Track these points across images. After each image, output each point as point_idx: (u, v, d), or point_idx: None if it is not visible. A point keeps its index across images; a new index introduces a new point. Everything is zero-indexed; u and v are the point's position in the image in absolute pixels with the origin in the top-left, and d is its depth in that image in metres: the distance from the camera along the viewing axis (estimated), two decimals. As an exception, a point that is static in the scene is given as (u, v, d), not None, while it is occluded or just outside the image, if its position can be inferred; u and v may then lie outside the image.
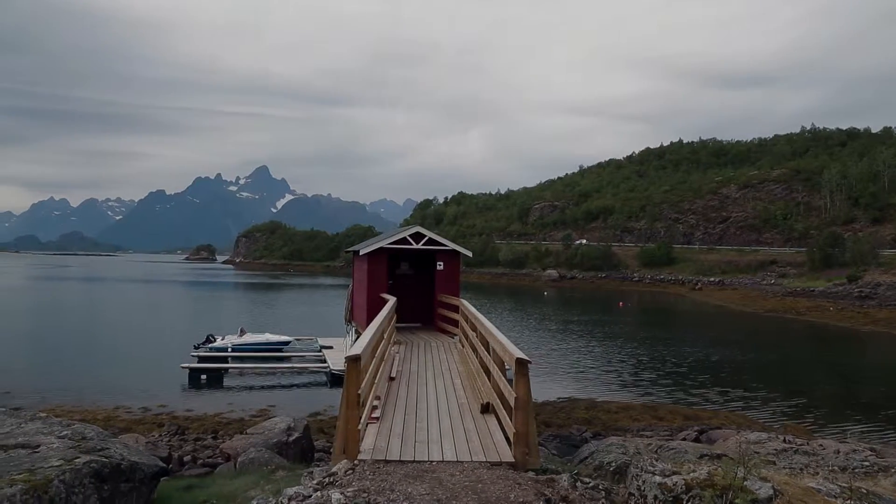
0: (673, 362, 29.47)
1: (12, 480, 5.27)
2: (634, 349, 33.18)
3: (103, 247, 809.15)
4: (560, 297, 76.18)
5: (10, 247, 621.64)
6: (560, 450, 14.78)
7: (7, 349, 30.60)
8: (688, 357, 30.91)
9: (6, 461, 5.76)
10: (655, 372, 27.28)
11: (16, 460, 5.78)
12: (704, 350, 33.22)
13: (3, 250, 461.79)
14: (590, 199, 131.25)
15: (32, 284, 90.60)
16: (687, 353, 31.97)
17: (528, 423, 7.28)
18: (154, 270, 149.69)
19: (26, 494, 5.17)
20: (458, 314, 16.70)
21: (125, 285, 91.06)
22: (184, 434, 15.98)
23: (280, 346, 29.14)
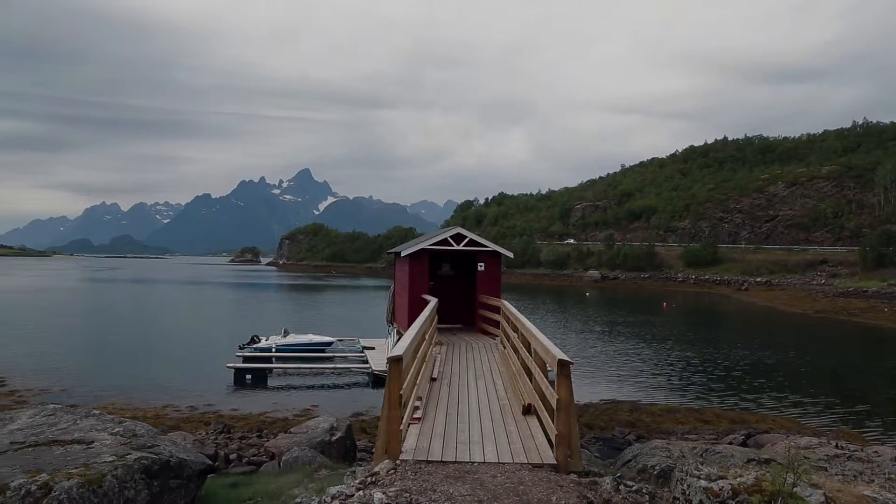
0: (718, 364, 28.86)
1: (69, 474, 5.46)
2: (679, 351, 32.60)
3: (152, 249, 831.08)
4: (602, 297, 75.33)
5: (65, 250, 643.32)
6: (602, 452, 14.61)
7: (63, 349, 31.68)
8: (734, 359, 30.22)
9: (63, 455, 5.97)
10: (700, 374, 26.76)
11: (72, 455, 5.98)
12: (751, 352, 32.42)
13: (58, 253, 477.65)
14: (632, 199, 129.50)
15: (86, 286, 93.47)
16: (733, 355, 31.27)
17: (570, 425, 7.23)
18: (200, 272, 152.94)
19: (82, 488, 5.35)
20: (500, 315, 16.65)
21: (173, 287, 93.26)
22: (229, 432, 16.27)
23: (323, 346, 29.45)
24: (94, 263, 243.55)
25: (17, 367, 25.93)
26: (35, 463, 5.73)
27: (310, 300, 70.46)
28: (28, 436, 6.53)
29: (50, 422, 6.98)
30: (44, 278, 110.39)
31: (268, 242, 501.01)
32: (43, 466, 5.62)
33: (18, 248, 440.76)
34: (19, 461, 5.82)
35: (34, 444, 6.31)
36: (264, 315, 50.26)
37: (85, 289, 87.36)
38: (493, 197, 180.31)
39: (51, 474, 5.43)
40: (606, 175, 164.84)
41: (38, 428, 6.77)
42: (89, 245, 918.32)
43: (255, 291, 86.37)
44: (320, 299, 71.49)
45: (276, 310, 56.43)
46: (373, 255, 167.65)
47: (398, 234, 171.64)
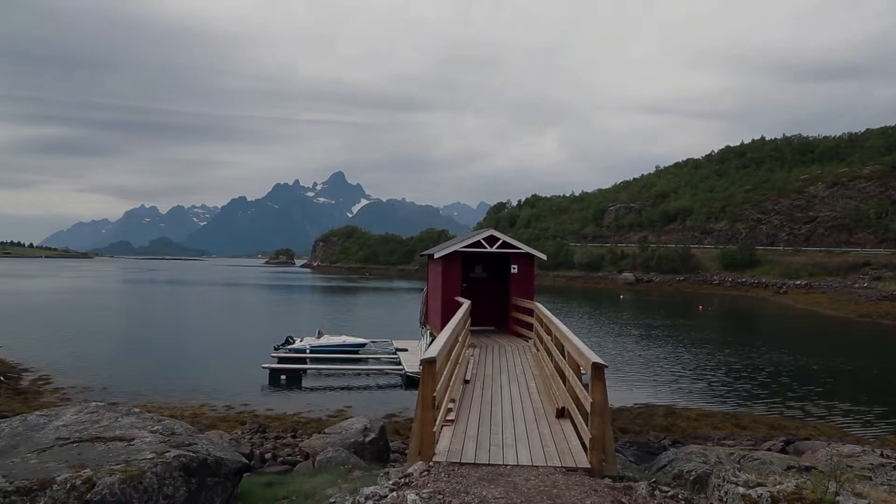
0: (756, 369, 28.29)
1: (111, 470, 5.60)
2: (715, 355, 32.04)
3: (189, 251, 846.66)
4: (637, 300, 74.44)
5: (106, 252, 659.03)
6: (637, 457, 14.44)
7: (104, 349, 32.44)
8: (772, 363, 29.60)
9: (105, 452, 6.12)
10: (738, 378, 26.26)
11: (114, 452, 6.13)
12: (791, 356, 31.70)
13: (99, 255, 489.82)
14: (667, 200, 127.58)
15: (126, 288, 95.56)
16: (772, 359, 30.62)
17: (604, 429, 7.17)
18: (236, 274, 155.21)
19: (124, 483, 5.48)
20: (533, 317, 16.58)
21: (209, 288, 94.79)
22: (265, 432, 16.47)
23: (356, 348, 29.64)
24: (134, 265, 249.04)
25: (61, 366, 26.64)
26: (79, 459, 5.89)
27: (343, 302, 71.00)
28: (72, 432, 6.70)
29: (93, 419, 7.15)
30: (85, 280, 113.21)
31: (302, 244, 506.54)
32: (86, 462, 5.77)
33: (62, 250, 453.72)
34: (64, 456, 5.98)
35: (78, 440, 6.48)
36: (298, 316, 50.79)
37: (125, 290, 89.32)
38: (525, 199, 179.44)
39: (94, 470, 5.58)
40: (640, 176, 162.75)
41: (81, 425, 6.94)
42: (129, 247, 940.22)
43: (289, 293, 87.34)
44: (354, 301, 71.98)
45: (310, 311, 56.98)
46: (406, 257, 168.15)
47: (431, 236, 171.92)
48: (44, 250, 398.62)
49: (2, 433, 6.71)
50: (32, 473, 5.53)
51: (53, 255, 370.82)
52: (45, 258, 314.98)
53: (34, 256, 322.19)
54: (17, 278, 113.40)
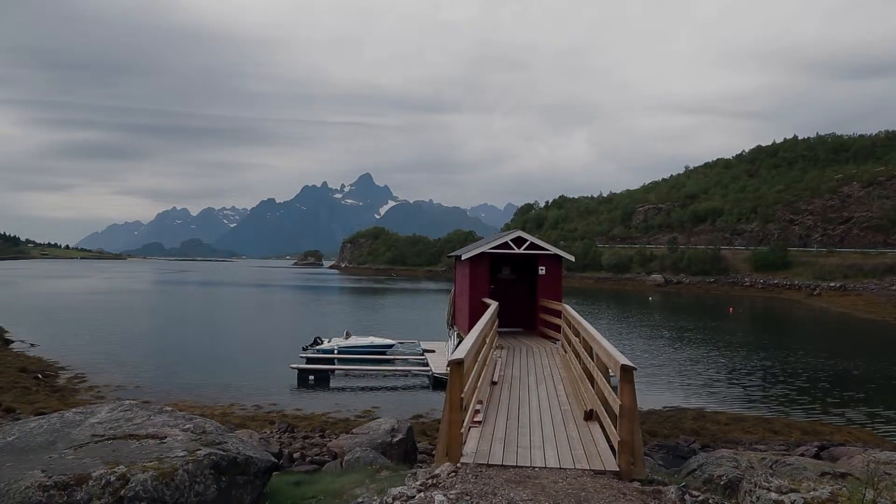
0: (789, 372, 27.78)
1: (144, 467, 5.71)
2: (746, 357, 31.55)
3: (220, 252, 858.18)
4: (666, 302, 73.62)
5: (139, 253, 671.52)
6: (666, 461, 14.27)
7: (137, 348, 33.04)
8: (806, 367, 29.03)
9: (139, 449, 6.23)
10: (770, 382, 25.82)
11: (146, 449, 6.24)
12: (825, 360, 31.03)
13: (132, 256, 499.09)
14: (697, 201, 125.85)
15: (158, 288, 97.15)
16: (805, 363, 30.02)
17: (633, 432, 7.11)
18: (265, 275, 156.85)
19: (156, 481, 5.59)
20: (561, 319, 16.49)
21: (239, 289, 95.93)
22: (293, 431, 16.62)
23: (384, 349, 29.77)
24: (166, 266, 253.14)
25: (96, 365, 27.19)
26: (113, 455, 6.01)
27: (371, 303, 71.33)
28: (107, 429, 6.84)
29: (126, 417, 7.29)
30: (119, 280, 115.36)
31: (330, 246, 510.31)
32: (120, 459, 5.89)
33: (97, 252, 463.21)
34: (100, 453, 6.11)
35: (112, 437, 6.61)
36: (327, 317, 51.16)
37: (157, 291, 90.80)
38: (553, 200, 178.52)
39: (127, 466, 5.69)
40: (670, 177, 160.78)
41: (115, 422, 7.08)
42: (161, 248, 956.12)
43: (317, 294, 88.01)
44: (381, 302, 72.29)
45: (338, 312, 57.35)
46: (433, 258, 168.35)
47: (458, 237, 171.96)
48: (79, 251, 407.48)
49: (40, 430, 6.87)
50: (69, 469, 5.66)
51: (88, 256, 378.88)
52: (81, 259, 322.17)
53: (70, 257, 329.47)
54: (54, 279, 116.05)
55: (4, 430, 7.11)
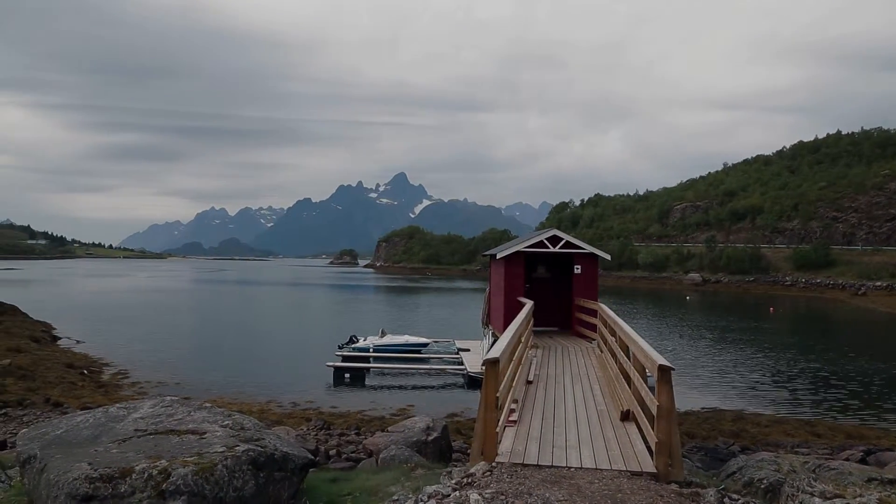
0: (833, 374, 27.06)
1: (185, 462, 5.83)
2: (787, 359, 30.83)
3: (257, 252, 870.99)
4: (704, 301, 72.42)
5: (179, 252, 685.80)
6: (705, 463, 14.04)
7: (178, 345, 33.75)
8: (851, 369, 28.22)
9: (179, 444, 6.37)
10: (813, 384, 25.20)
11: (187, 444, 6.37)
12: (871, 362, 30.12)
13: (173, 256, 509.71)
14: (735, 199, 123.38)
15: (197, 287, 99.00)
16: (850, 365, 29.19)
17: (670, 433, 7.01)
18: (301, 274, 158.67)
19: (196, 475, 5.70)
20: (596, 318, 16.36)
21: (276, 288, 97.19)
22: (329, 429, 16.78)
23: (419, 347, 29.87)
24: (205, 265, 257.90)
25: (137, 361, 27.84)
26: (155, 450, 6.15)
27: (406, 302, 71.63)
28: (149, 424, 7.00)
29: (167, 412, 7.44)
30: (160, 279, 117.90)
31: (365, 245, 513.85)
32: (162, 453, 6.03)
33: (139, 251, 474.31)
34: (142, 447, 6.26)
35: (154, 432, 6.76)
36: (362, 316, 51.51)
37: (196, 289, 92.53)
38: (588, 198, 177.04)
39: (169, 461, 5.82)
40: (707, 174, 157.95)
41: (157, 418, 7.24)
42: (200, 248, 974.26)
43: (353, 293, 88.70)
44: (416, 301, 72.53)
45: (374, 311, 57.72)
46: (468, 257, 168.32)
47: (493, 236, 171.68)
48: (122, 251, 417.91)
49: (86, 424, 7.07)
50: (114, 462, 5.81)
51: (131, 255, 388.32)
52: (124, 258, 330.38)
53: (114, 257, 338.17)
54: (99, 278, 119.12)
55: (53, 423, 7.34)
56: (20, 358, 24.95)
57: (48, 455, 6.16)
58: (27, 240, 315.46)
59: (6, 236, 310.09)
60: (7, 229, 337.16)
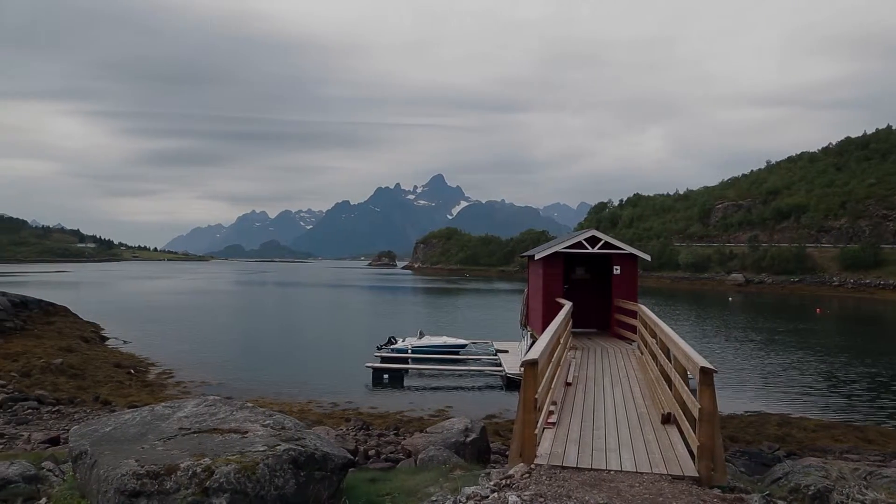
0: (885, 378, 26.21)
1: (228, 460, 5.95)
2: (835, 361, 29.97)
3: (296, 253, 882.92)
4: (747, 302, 70.93)
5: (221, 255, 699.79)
6: (748, 468, 13.73)
7: (220, 345, 34.40)
8: (903, 372, 27.35)
9: (222, 443, 6.49)
10: (863, 388, 24.44)
11: (229, 443, 6.49)
12: (924, 365, 29.17)
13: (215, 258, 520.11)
14: (779, 197, 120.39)
15: (239, 289, 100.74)
16: (902, 368, 28.30)
17: (713, 437, 6.89)
18: (340, 275, 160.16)
19: (239, 473, 5.81)
20: (636, 320, 16.17)
21: (315, 289, 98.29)
22: (368, 429, 16.90)
23: (457, 348, 29.87)
24: (246, 267, 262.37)
25: (181, 361, 28.44)
26: (199, 448, 6.28)
27: (444, 303, 71.76)
28: (193, 423, 7.16)
29: (210, 411, 7.59)
30: (203, 281, 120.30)
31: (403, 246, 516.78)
32: (206, 452, 6.16)
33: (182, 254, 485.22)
34: (187, 445, 6.41)
35: (198, 430, 6.90)
36: (400, 317, 51.77)
37: (238, 291, 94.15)
38: (627, 198, 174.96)
39: (212, 459, 5.94)
40: (750, 172, 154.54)
41: (201, 416, 7.39)
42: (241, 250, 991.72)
43: (391, 294, 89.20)
44: (454, 302, 72.61)
45: (412, 312, 57.95)
46: (505, 258, 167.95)
47: (531, 237, 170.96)
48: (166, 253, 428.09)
49: (133, 422, 7.26)
50: (160, 459, 5.97)
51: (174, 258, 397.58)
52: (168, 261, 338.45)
53: (158, 259, 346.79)
54: (144, 279, 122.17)
55: (102, 421, 7.55)
56: (71, 357, 25.73)
57: (98, 451, 6.35)
58: (77, 243, 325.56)
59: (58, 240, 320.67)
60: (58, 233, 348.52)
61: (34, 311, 35.16)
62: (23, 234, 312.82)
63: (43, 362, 23.54)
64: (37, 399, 18.44)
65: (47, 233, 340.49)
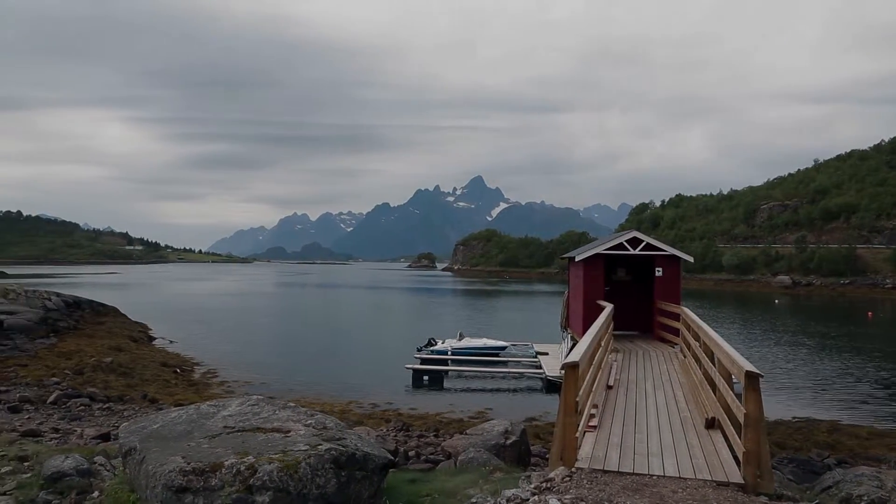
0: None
1: (270, 459, 6.05)
2: (888, 367, 28.98)
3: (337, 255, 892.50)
4: (794, 305, 69.14)
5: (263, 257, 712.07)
6: (797, 475, 13.38)
7: (263, 346, 34.99)
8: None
9: (265, 442, 6.61)
10: (918, 394, 23.61)
11: (272, 442, 6.60)
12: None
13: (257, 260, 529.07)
14: (828, 196, 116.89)
15: (281, 290, 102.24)
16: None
17: (759, 443, 6.73)
18: (381, 277, 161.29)
19: (281, 472, 5.91)
20: (679, 322, 15.91)
21: (356, 291, 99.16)
22: (408, 430, 16.97)
23: (497, 350, 29.80)
24: (288, 269, 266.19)
25: (225, 361, 29.00)
26: (243, 446, 6.41)
27: (484, 305, 71.66)
28: (237, 422, 7.30)
29: (254, 411, 7.73)
30: (247, 283, 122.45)
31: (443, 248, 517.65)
32: (249, 450, 6.27)
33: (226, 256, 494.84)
34: (231, 443, 6.54)
35: (242, 429, 7.04)
36: (440, 318, 51.87)
37: (280, 292, 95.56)
38: (669, 199, 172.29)
39: (256, 457, 6.05)
40: (797, 171, 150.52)
41: (244, 415, 7.53)
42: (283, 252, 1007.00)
43: (431, 296, 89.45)
44: (494, 304, 72.45)
45: (452, 314, 58.00)
46: (545, 260, 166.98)
47: (571, 238, 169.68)
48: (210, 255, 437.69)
49: (180, 420, 7.44)
50: (205, 457, 6.10)
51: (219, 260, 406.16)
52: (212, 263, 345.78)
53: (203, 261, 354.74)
54: (189, 281, 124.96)
55: (150, 418, 7.76)
56: (121, 356, 26.47)
57: (147, 448, 6.53)
58: (125, 246, 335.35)
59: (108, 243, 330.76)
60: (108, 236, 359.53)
61: (86, 312, 36.32)
62: (75, 236, 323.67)
63: (94, 361, 24.27)
64: (89, 396, 19.01)
65: (98, 235, 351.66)
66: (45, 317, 30.99)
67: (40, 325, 29.57)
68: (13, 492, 7.11)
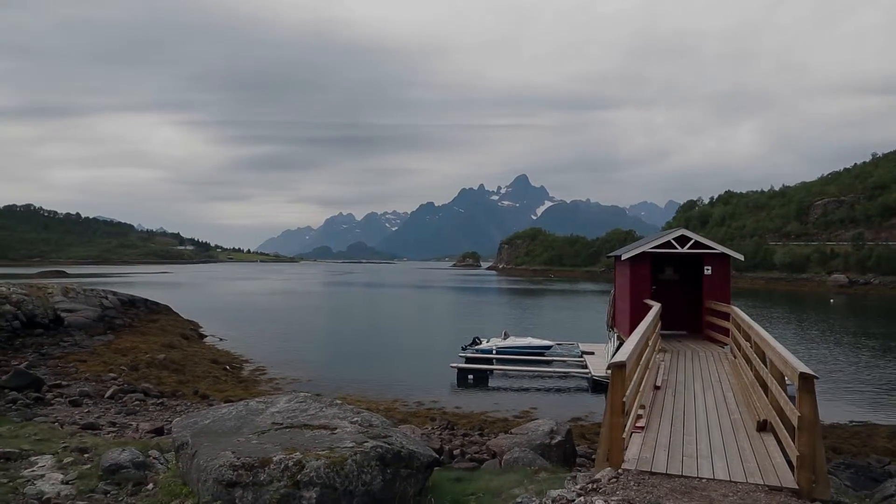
0: None
1: (318, 455, 6.14)
2: (954, 369, 27.82)
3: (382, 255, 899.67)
4: (850, 305, 66.87)
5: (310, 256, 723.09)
6: (855, 482, 12.93)
7: (310, 344, 35.50)
8: None
9: (312, 438, 6.71)
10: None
11: (319, 439, 6.70)
12: None
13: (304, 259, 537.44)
14: (887, 192, 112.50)
15: (328, 289, 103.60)
16: None
17: (814, 447, 6.53)
18: (426, 276, 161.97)
19: (328, 468, 5.99)
20: (729, 322, 15.57)
21: (401, 290, 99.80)
22: (453, 429, 17.00)
23: (542, 350, 29.62)
24: (334, 268, 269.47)
25: (274, 359, 29.51)
26: (290, 443, 6.52)
27: (529, 304, 71.30)
28: (285, 418, 7.43)
29: (301, 408, 7.86)
30: (294, 282, 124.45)
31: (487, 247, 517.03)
32: (297, 446, 6.38)
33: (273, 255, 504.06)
34: (279, 440, 6.66)
35: (290, 426, 7.16)
36: (485, 317, 51.80)
37: (327, 292, 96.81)
38: (718, 196, 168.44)
39: (303, 454, 6.15)
40: (853, 166, 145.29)
41: (292, 412, 7.66)
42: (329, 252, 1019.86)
43: (476, 295, 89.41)
44: (539, 303, 72.03)
45: (496, 313, 57.88)
46: (591, 258, 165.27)
47: (617, 237, 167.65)
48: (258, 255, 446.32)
49: (229, 415, 7.62)
50: (254, 452, 6.23)
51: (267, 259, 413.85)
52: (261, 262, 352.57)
53: (251, 261, 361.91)
54: (239, 280, 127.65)
55: (202, 413, 7.97)
56: (173, 353, 27.19)
57: (198, 442, 6.70)
58: (177, 246, 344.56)
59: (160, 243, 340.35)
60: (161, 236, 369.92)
61: (140, 310, 37.43)
62: (130, 237, 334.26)
63: (148, 357, 24.99)
64: (143, 391, 19.59)
65: (151, 236, 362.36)
66: (102, 314, 32.05)
67: (98, 323, 30.59)
68: (75, 481, 7.40)
